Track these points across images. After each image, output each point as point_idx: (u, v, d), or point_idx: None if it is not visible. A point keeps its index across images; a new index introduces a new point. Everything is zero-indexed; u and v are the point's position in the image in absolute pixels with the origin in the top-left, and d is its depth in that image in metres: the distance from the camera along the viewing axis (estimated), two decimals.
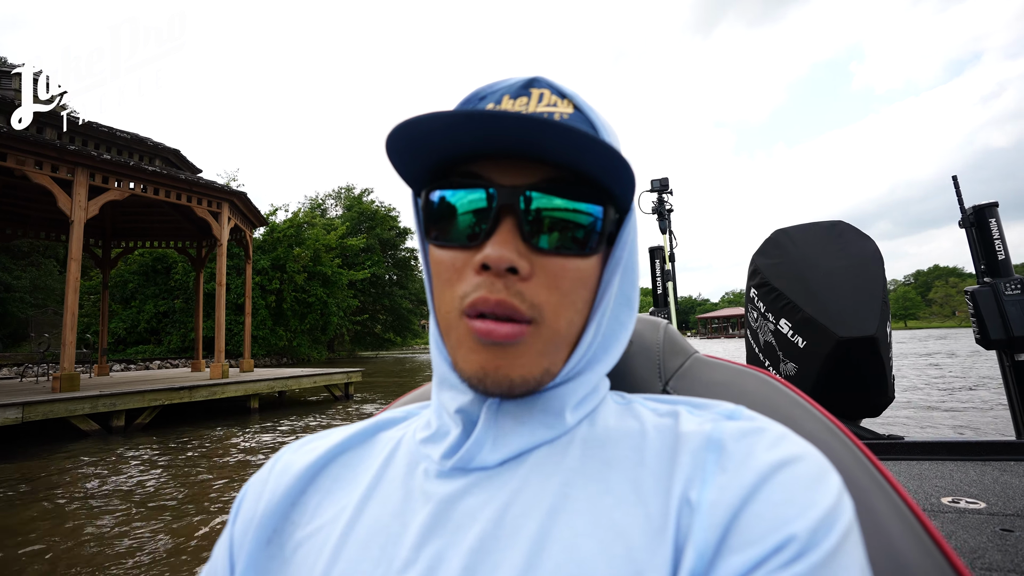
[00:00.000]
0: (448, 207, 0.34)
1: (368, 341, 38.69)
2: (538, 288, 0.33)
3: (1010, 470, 1.90)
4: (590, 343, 0.36)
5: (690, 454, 0.32)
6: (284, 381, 9.34)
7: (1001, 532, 1.37)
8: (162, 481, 4.56)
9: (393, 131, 0.31)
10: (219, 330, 9.28)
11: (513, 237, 0.32)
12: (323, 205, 40.16)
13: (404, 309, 40.14)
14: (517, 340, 0.32)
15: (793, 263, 2.30)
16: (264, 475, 0.41)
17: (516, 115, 0.29)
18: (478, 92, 0.38)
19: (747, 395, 0.48)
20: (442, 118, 0.30)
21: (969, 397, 8.39)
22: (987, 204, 2.60)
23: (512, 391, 0.33)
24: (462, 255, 0.34)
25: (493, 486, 0.33)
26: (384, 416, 0.45)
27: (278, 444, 6.11)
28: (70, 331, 7.20)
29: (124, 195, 8.08)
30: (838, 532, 0.27)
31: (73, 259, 7.35)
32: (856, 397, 2.19)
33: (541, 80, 0.38)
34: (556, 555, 0.29)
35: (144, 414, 7.31)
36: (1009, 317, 2.37)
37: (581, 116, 0.36)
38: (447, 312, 0.34)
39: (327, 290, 27.73)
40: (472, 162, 0.34)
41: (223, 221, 9.51)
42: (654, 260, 4.25)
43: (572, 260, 0.34)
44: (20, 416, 5.95)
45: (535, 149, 0.32)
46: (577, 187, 0.33)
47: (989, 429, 5.82)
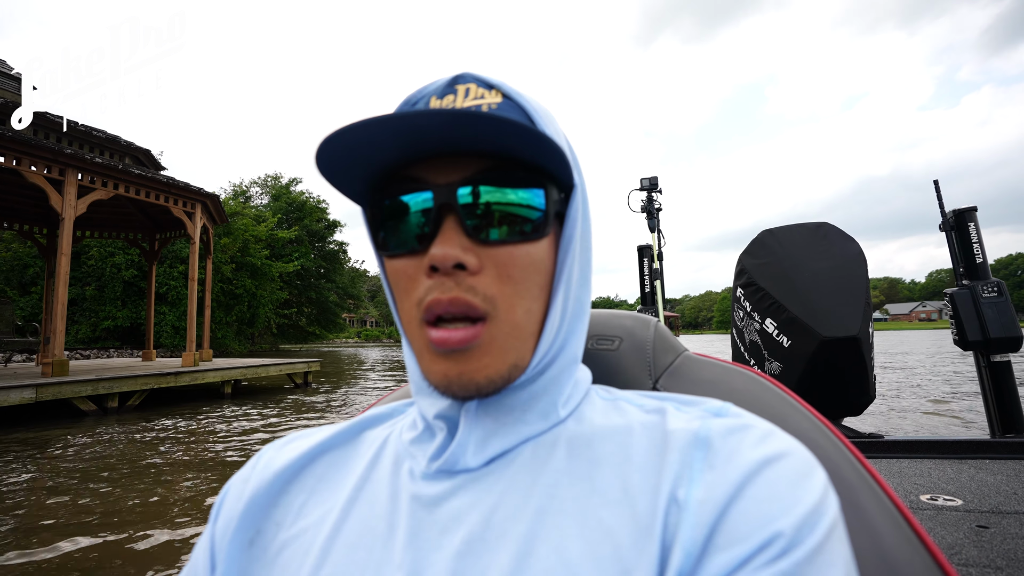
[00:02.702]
0: (392, 216, 0.35)
1: (292, 334, 38.06)
2: (489, 280, 0.33)
3: (985, 468, 1.93)
4: (557, 328, 0.36)
5: (677, 452, 0.32)
6: (254, 369, 10.29)
7: (977, 528, 1.38)
8: (172, 446, 5.75)
9: (318, 150, 0.31)
10: (191, 322, 10.02)
11: (456, 234, 0.32)
12: (248, 192, 38.75)
13: (330, 302, 39.89)
14: (473, 343, 0.32)
15: (779, 264, 2.33)
16: (246, 473, 0.41)
17: (432, 112, 0.28)
18: (408, 99, 0.38)
19: (736, 392, 0.48)
20: (362, 127, 0.29)
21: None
22: (967, 208, 2.60)
23: (480, 393, 0.33)
24: (413, 261, 0.34)
25: (479, 488, 0.33)
26: (370, 414, 0.45)
27: (250, 419, 7.31)
28: (60, 321, 7.80)
29: (109, 195, 8.67)
30: (824, 528, 0.27)
31: (63, 254, 7.93)
32: (839, 396, 2.22)
33: (466, 76, 0.37)
34: (544, 557, 0.29)
35: (134, 396, 8.10)
36: (986, 319, 2.40)
37: (511, 103, 0.36)
38: (409, 322, 0.35)
39: (256, 282, 27.38)
40: (408, 167, 0.34)
41: (196, 221, 10.22)
42: (642, 258, 4.24)
43: (520, 247, 0.34)
44: (34, 396, 6.67)
45: (464, 143, 0.32)
46: (512, 174, 0.33)
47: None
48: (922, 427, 6.01)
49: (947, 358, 17.21)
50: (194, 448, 5.44)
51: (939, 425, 6.09)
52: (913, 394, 8.74)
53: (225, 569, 0.36)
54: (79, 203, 8.22)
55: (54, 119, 8.76)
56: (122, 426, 6.72)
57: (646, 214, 4.32)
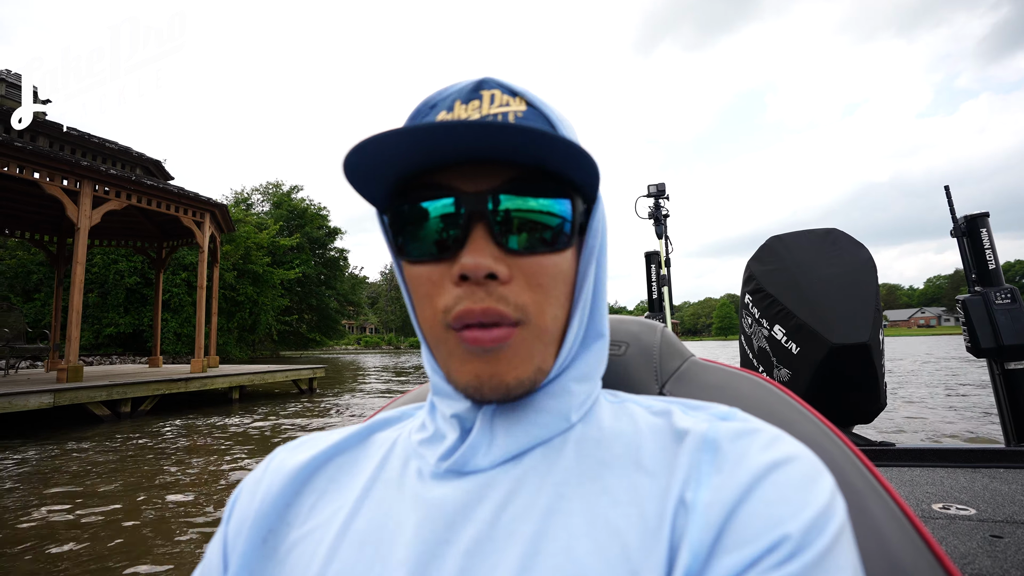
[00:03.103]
0: (415, 221, 0.34)
1: (292, 341, 38.24)
2: (520, 289, 0.33)
3: (999, 477, 1.91)
4: (575, 336, 0.37)
5: (686, 454, 0.32)
6: (261, 375, 10.49)
7: (991, 538, 1.38)
8: (187, 446, 5.95)
9: (348, 155, 0.31)
10: (199, 329, 10.23)
11: (486, 243, 0.33)
12: (249, 200, 39.07)
13: (331, 309, 40.12)
14: (506, 343, 0.32)
15: (787, 270, 2.31)
16: (259, 474, 0.41)
17: (470, 123, 0.29)
18: (428, 100, 0.38)
19: (743, 398, 0.48)
20: (396, 136, 0.30)
21: None
22: (979, 214, 2.57)
23: (509, 395, 0.34)
24: (437, 268, 0.34)
25: (489, 488, 0.34)
26: (380, 417, 0.45)
27: (261, 424, 7.51)
28: (75, 327, 8.02)
29: (122, 205, 8.92)
30: (831, 532, 0.27)
31: (79, 263, 8.16)
32: (848, 403, 2.20)
33: (490, 81, 0.38)
34: (552, 556, 0.29)
35: (146, 402, 8.29)
36: (999, 326, 2.36)
37: (535, 112, 0.36)
38: (431, 327, 0.35)
39: (257, 289, 27.62)
40: (433, 172, 0.34)
41: (205, 230, 10.46)
42: (650, 265, 4.21)
43: (548, 257, 0.34)
44: (52, 401, 6.87)
45: (494, 152, 0.32)
46: (542, 184, 0.34)
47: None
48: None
49: (942, 362, 17.43)
50: (210, 447, 5.65)
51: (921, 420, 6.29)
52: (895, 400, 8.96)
53: (238, 569, 0.36)
54: (94, 213, 8.47)
55: (70, 130, 9.02)
56: (139, 430, 6.92)
57: (653, 220, 4.29)
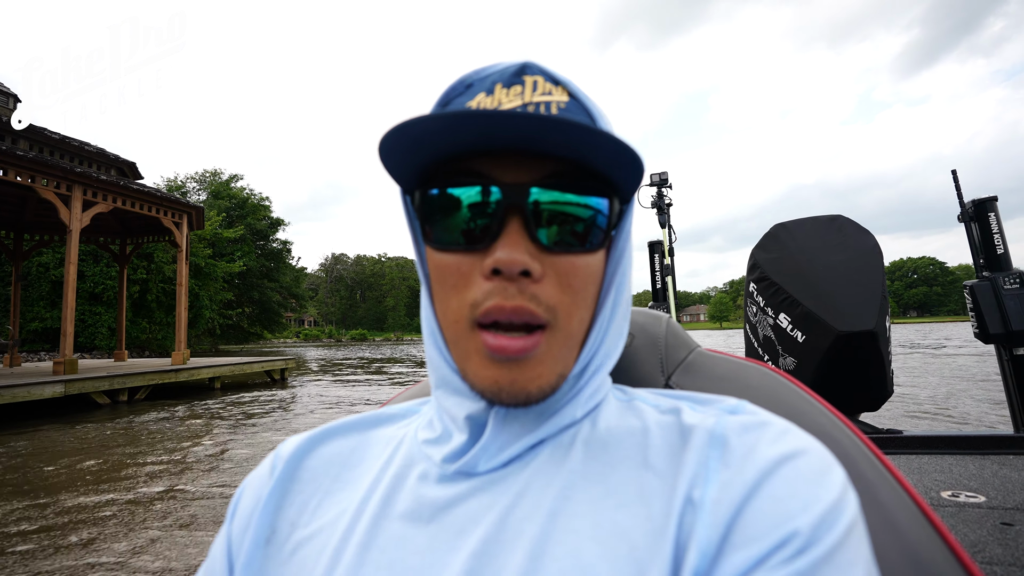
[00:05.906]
0: (448, 208, 0.33)
1: (232, 334, 37.32)
2: (552, 290, 0.32)
3: (1009, 464, 1.90)
4: (596, 339, 0.36)
5: (693, 451, 0.31)
6: (240, 367, 11.33)
7: (1001, 526, 1.36)
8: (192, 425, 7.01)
9: (388, 133, 0.30)
10: (179, 323, 10.87)
11: (522, 238, 0.31)
12: (184, 188, 37.44)
13: (273, 302, 39.47)
14: (531, 353, 0.32)
15: (792, 257, 2.27)
16: (261, 472, 0.41)
17: (521, 114, 0.28)
18: (465, 79, 0.37)
19: (751, 389, 0.48)
20: (441, 119, 0.29)
21: None
22: (987, 198, 2.53)
23: (529, 401, 0.33)
24: (468, 259, 0.33)
25: (495, 490, 0.33)
26: (385, 411, 0.44)
27: (247, 406, 8.55)
28: (69, 324, 8.61)
29: (109, 208, 9.45)
30: (842, 527, 0.27)
31: (71, 263, 8.69)
32: (855, 391, 2.19)
33: (533, 66, 0.36)
34: (558, 558, 0.29)
35: (141, 391, 9.01)
36: (1008, 311, 2.34)
37: (577, 104, 0.35)
38: (455, 321, 0.34)
39: (198, 282, 26.99)
40: (468, 158, 0.33)
41: (183, 230, 11.05)
42: (653, 255, 4.21)
43: (581, 257, 0.33)
44: (63, 390, 7.56)
45: (536, 144, 0.30)
46: (583, 181, 0.32)
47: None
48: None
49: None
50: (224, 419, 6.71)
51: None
52: None
53: (243, 568, 0.36)
54: (84, 216, 8.98)
55: (52, 134, 9.37)
56: (146, 413, 7.75)
57: (656, 210, 4.28)
